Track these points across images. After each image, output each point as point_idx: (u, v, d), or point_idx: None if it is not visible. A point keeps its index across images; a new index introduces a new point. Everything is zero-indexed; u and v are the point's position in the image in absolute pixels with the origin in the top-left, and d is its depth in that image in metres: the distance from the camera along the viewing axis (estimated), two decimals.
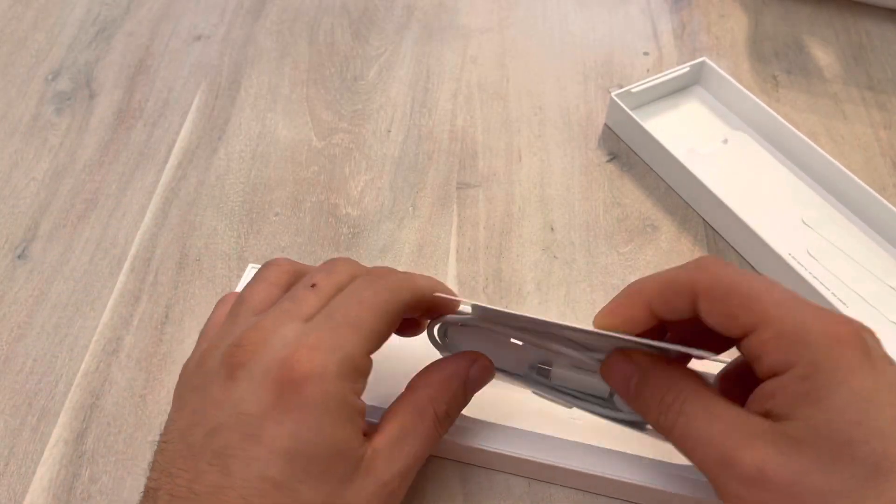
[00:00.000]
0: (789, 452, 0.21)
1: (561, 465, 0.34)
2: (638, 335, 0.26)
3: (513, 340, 0.31)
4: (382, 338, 0.27)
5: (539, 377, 0.32)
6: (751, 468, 0.21)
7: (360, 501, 0.24)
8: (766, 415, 0.22)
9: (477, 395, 0.31)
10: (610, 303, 0.27)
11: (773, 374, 0.22)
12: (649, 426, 0.28)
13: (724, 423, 0.23)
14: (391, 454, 0.25)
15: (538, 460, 0.34)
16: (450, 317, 0.31)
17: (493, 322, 0.31)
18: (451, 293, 0.30)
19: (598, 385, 0.30)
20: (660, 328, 0.27)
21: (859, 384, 0.21)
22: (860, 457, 0.21)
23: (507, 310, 0.29)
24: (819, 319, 0.22)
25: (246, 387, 0.24)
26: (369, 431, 0.27)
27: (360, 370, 0.25)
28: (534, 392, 0.32)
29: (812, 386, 0.21)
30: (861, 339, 0.22)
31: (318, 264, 0.44)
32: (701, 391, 0.24)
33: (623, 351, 0.26)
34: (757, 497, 0.21)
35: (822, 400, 0.21)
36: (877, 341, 0.23)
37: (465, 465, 0.36)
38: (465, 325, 0.31)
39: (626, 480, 0.33)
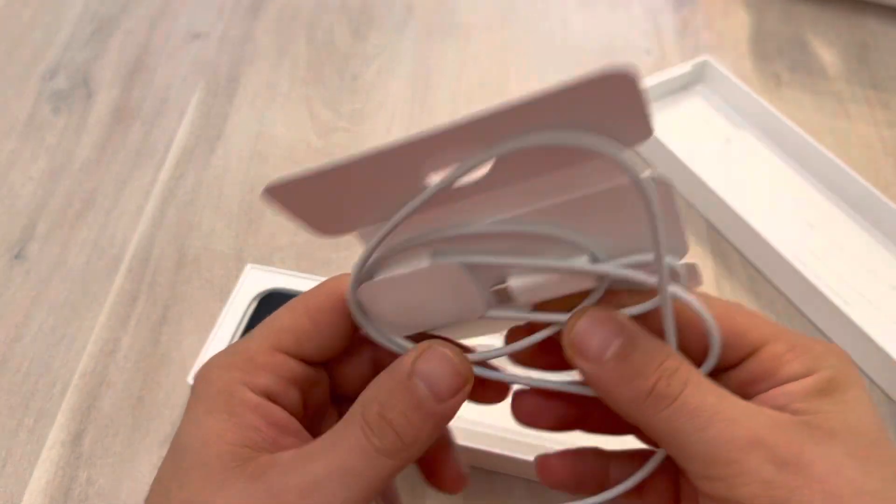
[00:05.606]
0: (823, 442, 0.20)
1: None
2: None
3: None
4: (308, 335, 0.24)
5: (501, 307, 0.24)
6: (787, 451, 0.20)
7: None
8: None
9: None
10: None
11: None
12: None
13: (739, 403, 0.21)
14: (290, 463, 0.22)
15: None
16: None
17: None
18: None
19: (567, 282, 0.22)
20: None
21: (869, 397, 0.22)
22: (890, 459, 0.20)
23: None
24: (813, 340, 0.23)
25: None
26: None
27: (255, 362, 0.24)
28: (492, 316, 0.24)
29: (839, 387, 0.21)
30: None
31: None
32: (698, 370, 0.22)
33: (601, 310, 0.22)
34: (791, 482, 0.19)
35: (849, 402, 0.21)
36: None
37: None
38: (388, 278, 0.22)
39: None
